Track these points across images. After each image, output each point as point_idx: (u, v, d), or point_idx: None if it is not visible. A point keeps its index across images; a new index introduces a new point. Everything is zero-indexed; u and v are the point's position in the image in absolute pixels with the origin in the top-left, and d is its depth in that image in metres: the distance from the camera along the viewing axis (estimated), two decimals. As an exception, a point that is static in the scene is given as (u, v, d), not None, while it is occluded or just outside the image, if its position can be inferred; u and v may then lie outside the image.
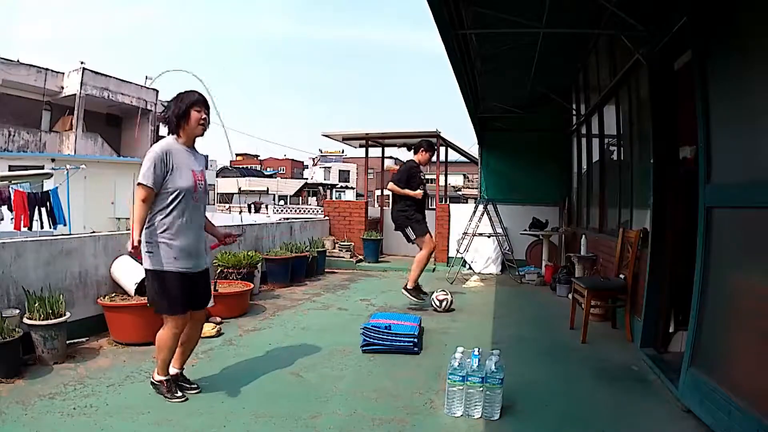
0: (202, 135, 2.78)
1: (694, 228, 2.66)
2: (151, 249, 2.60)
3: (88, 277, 3.83)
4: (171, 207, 2.61)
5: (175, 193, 2.61)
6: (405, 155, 5.42)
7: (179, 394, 2.69)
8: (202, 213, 2.81)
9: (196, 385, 2.82)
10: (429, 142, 5.29)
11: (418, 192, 4.97)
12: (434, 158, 8.91)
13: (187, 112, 2.68)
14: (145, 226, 2.60)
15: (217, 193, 35.85)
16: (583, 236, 5.80)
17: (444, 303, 4.90)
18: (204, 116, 2.73)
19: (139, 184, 2.57)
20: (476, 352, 2.55)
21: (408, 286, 5.03)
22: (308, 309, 5.03)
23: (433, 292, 5.03)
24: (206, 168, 2.87)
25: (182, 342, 2.77)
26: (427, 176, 5.84)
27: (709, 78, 2.58)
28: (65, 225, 9.32)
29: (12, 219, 8.93)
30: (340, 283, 6.65)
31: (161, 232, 2.60)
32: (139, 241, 2.56)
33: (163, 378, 2.72)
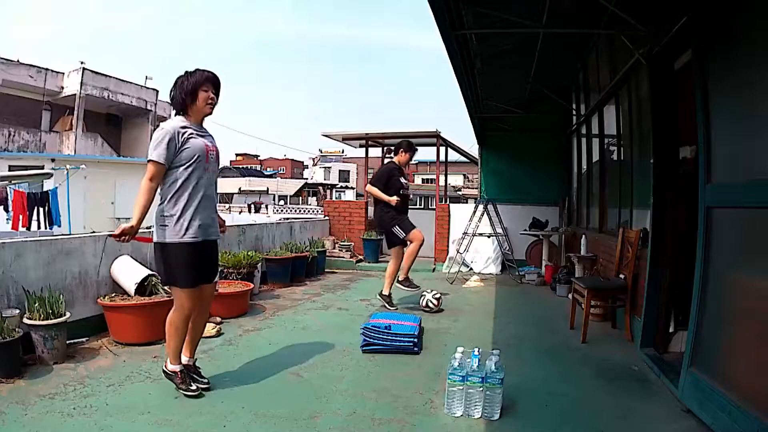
0: (210, 114, 2.75)
1: (694, 228, 2.66)
2: (165, 222, 2.60)
3: (88, 277, 3.83)
4: (183, 179, 2.61)
5: (187, 164, 2.61)
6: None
7: (193, 387, 2.69)
8: (214, 185, 2.80)
9: (206, 380, 2.82)
10: (408, 143, 5.24)
11: (393, 198, 4.91)
12: (434, 158, 9.05)
13: (194, 92, 2.65)
14: (158, 202, 2.61)
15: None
16: (583, 236, 5.80)
17: (430, 304, 4.84)
18: (212, 95, 2.70)
19: (149, 160, 2.56)
20: (476, 352, 2.55)
21: (400, 278, 5.04)
22: (308, 309, 5.03)
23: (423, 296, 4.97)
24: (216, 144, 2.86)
25: (189, 329, 2.77)
26: (427, 176, 5.83)
27: (709, 78, 2.58)
28: (60, 226, 9.32)
29: (8, 219, 8.94)
30: (340, 283, 6.64)
31: (174, 205, 2.60)
32: (131, 228, 2.51)
33: (177, 368, 2.72)
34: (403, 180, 5.08)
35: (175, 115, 2.74)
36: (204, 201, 2.68)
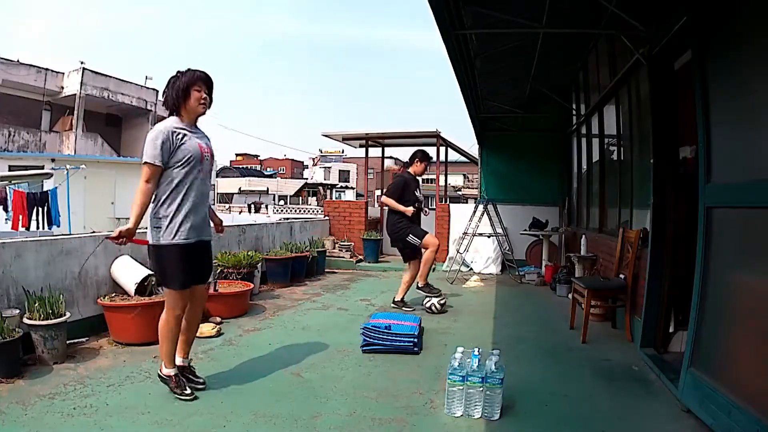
0: (203, 113, 2.74)
1: (694, 228, 2.66)
2: (158, 224, 2.60)
3: (88, 277, 3.83)
4: (177, 180, 2.61)
5: (181, 165, 2.60)
6: (406, 154, 5.38)
7: (188, 391, 2.68)
8: (208, 186, 2.80)
9: (202, 380, 2.83)
10: (423, 152, 5.29)
11: (409, 209, 4.96)
12: (434, 158, 9.03)
13: (186, 92, 2.65)
14: (151, 202, 2.61)
15: (217, 193, 35.82)
16: (583, 236, 5.80)
17: (433, 307, 4.86)
18: (204, 95, 2.69)
19: (144, 163, 2.55)
20: (476, 352, 2.55)
21: (419, 285, 5.08)
22: (308, 309, 5.03)
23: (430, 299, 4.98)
24: (210, 144, 2.77)
25: (183, 330, 2.78)
26: (426, 176, 5.84)
27: (709, 78, 2.58)
28: (59, 226, 9.33)
29: (6, 219, 8.93)
30: (340, 283, 6.65)
31: (168, 206, 2.60)
32: (128, 231, 2.52)
33: (171, 372, 2.72)
34: (417, 193, 5.14)
35: (169, 115, 2.74)
36: (198, 202, 2.68)
